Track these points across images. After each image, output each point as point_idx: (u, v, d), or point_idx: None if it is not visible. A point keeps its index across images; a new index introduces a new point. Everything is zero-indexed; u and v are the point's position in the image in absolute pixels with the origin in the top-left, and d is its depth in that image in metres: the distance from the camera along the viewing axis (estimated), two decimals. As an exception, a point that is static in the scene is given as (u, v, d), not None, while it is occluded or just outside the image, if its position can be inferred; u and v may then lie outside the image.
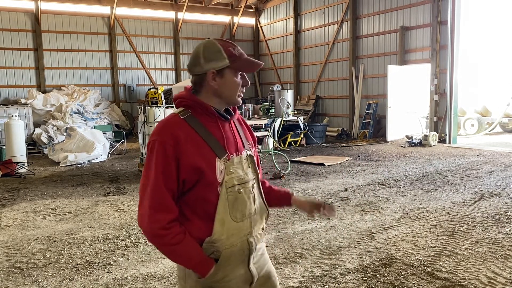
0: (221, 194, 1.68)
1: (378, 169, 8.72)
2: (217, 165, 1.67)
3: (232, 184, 1.71)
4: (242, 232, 1.74)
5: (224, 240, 1.69)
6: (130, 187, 7.66)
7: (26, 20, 15.30)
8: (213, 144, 1.68)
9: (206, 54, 1.68)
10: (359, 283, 3.61)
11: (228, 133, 1.76)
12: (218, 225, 1.68)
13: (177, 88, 13.54)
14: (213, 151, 1.67)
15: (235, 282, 1.75)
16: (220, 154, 1.68)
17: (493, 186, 6.94)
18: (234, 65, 1.69)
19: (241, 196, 1.73)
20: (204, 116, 1.71)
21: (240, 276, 1.76)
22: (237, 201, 1.72)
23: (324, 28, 16.24)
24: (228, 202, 1.69)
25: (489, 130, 14.30)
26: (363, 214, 5.61)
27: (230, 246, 1.71)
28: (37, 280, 3.79)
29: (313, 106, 16.52)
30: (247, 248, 1.76)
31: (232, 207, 1.70)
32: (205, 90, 1.72)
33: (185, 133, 1.64)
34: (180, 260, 1.67)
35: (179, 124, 1.66)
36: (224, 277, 1.71)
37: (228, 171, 1.69)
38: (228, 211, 1.69)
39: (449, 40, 11.72)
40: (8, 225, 5.51)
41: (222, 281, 1.71)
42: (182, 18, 17.75)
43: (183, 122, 1.67)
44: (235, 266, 1.74)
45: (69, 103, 14.14)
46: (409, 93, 13.20)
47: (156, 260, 4.22)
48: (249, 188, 1.77)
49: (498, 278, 3.62)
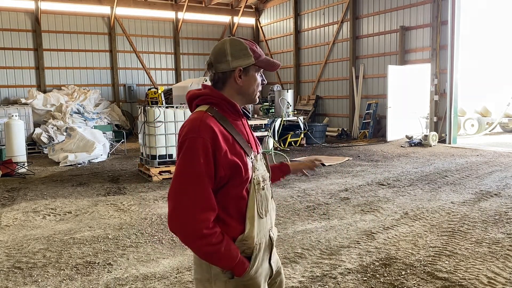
0: (251, 191, 1.70)
1: (378, 169, 8.72)
2: (248, 162, 1.68)
3: (258, 181, 1.73)
4: (266, 228, 1.78)
5: (255, 237, 1.70)
6: (130, 187, 7.66)
7: (26, 20, 15.30)
8: (241, 141, 1.69)
9: (233, 52, 1.66)
10: (359, 283, 3.61)
11: (248, 131, 1.81)
12: (249, 222, 1.69)
13: (177, 88, 13.55)
14: (242, 148, 1.68)
15: (262, 277, 1.76)
16: (248, 151, 1.70)
17: (493, 186, 6.94)
18: (258, 64, 1.71)
19: (265, 193, 1.77)
20: (230, 113, 1.70)
21: (265, 270, 1.78)
22: (262, 197, 1.75)
23: (324, 28, 16.23)
24: (256, 199, 1.72)
25: (489, 130, 14.30)
26: (363, 214, 5.61)
27: (259, 242, 1.74)
28: (37, 280, 3.79)
29: (313, 106, 16.52)
30: (270, 243, 1.81)
31: (259, 203, 1.73)
32: (229, 87, 1.71)
33: (219, 130, 1.62)
34: (221, 261, 1.60)
35: (213, 121, 1.63)
36: (255, 273, 1.72)
37: (254, 168, 1.72)
38: (256, 208, 1.71)
39: (449, 40, 11.72)
40: (8, 225, 5.51)
41: (253, 278, 1.71)
42: (182, 18, 17.75)
43: (214, 120, 1.64)
44: (262, 262, 1.76)
45: (69, 103, 14.14)
46: (409, 93, 13.19)
47: (156, 260, 4.22)
48: (268, 184, 1.82)
49: (498, 278, 3.62)
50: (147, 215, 5.81)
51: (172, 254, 4.36)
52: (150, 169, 8.28)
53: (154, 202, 6.53)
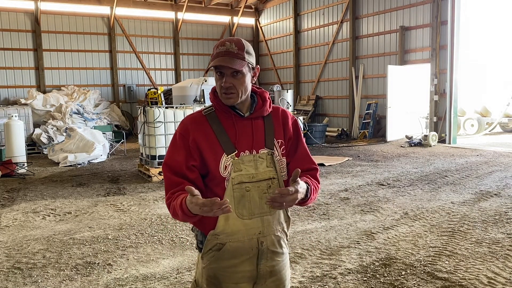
0: (227, 190, 1.72)
1: (378, 169, 8.72)
2: (222, 160, 1.71)
3: (239, 181, 1.72)
4: (252, 231, 1.75)
5: (228, 235, 1.73)
6: (130, 187, 7.66)
7: (26, 20, 15.30)
8: (223, 140, 1.73)
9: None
10: (359, 283, 3.61)
11: (244, 130, 1.77)
12: (222, 219, 1.72)
13: (177, 89, 13.55)
14: (222, 147, 1.72)
15: (241, 277, 1.77)
16: (228, 150, 1.72)
17: (493, 186, 6.94)
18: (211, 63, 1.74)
19: (249, 194, 1.73)
20: (222, 113, 1.79)
21: (245, 272, 1.78)
22: (244, 198, 1.73)
23: (324, 28, 16.24)
24: (233, 199, 1.71)
25: (489, 130, 14.30)
26: (363, 214, 5.61)
27: (236, 241, 1.73)
28: (36, 281, 3.79)
29: (313, 106, 16.52)
30: (256, 247, 1.77)
31: (238, 204, 1.72)
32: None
33: (200, 127, 1.76)
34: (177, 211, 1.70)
35: (196, 119, 1.79)
36: (227, 267, 1.75)
37: (235, 168, 1.71)
38: (233, 208, 1.70)
39: (449, 40, 11.72)
40: (8, 225, 5.51)
41: (226, 271, 1.76)
42: (182, 18, 17.75)
43: (202, 118, 1.79)
44: (242, 261, 1.76)
45: (69, 103, 14.13)
46: (409, 93, 13.19)
47: (156, 260, 4.22)
48: (263, 187, 1.76)
49: (498, 278, 3.61)
50: (147, 215, 5.80)
51: (172, 254, 4.36)
52: (149, 169, 8.28)
53: (154, 202, 6.53)
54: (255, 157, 1.75)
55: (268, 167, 1.77)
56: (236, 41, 1.71)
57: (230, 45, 1.69)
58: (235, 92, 1.71)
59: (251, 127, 1.79)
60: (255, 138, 1.78)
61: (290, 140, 1.87)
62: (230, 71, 1.69)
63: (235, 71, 1.69)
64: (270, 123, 1.83)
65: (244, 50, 1.71)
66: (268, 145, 1.79)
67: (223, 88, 1.71)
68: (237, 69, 1.67)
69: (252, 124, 1.79)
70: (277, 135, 1.82)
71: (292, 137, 1.87)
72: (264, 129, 1.81)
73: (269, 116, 1.85)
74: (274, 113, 1.87)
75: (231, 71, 1.69)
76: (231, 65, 1.66)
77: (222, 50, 1.69)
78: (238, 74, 1.70)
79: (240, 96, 1.73)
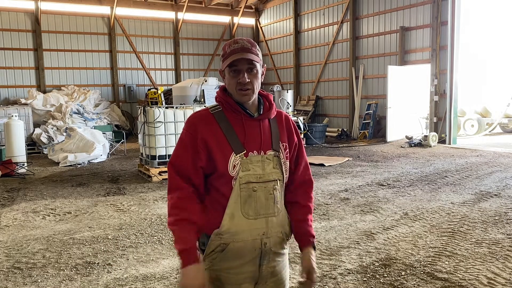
0: (234, 189, 1.72)
1: (378, 170, 8.72)
2: (231, 159, 1.71)
3: (247, 180, 1.73)
4: (256, 231, 1.75)
5: (233, 234, 1.72)
6: (129, 187, 7.66)
7: (26, 20, 15.30)
8: (232, 139, 1.73)
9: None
10: (359, 283, 3.61)
11: (253, 131, 1.77)
12: (227, 218, 1.72)
13: (177, 89, 13.55)
14: (231, 146, 1.72)
15: (243, 277, 1.77)
16: (237, 149, 1.72)
17: (493, 187, 6.94)
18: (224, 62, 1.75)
19: (256, 194, 1.74)
20: (231, 112, 1.77)
21: (248, 273, 1.78)
22: (250, 198, 1.73)
23: (324, 29, 16.24)
24: (240, 198, 1.72)
25: (489, 130, 14.30)
26: (363, 215, 5.61)
27: (240, 241, 1.73)
28: (36, 281, 3.79)
29: (313, 107, 16.52)
30: (259, 247, 1.77)
31: (244, 203, 1.73)
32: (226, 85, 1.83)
33: (208, 126, 1.74)
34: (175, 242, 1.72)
35: (205, 117, 1.78)
36: (230, 268, 1.74)
37: (243, 167, 1.72)
38: (239, 207, 1.72)
39: (449, 41, 11.72)
40: (8, 225, 5.51)
41: (229, 272, 1.75)
42: (182, 18, 17.75)
43: (209, 116, 1.77)
44: (245, 262, 1.76)
45: (69, 103, 14.13)
46: (409, 94, 13.19)
47: (155, 260, 4.22)
48: (269, 188, 1.77)
49: (498, 278, 3.61)
50: (147, 215, 5.80)
51: (172, 254, 4.36)
52: (149, 169, 8.28)
53: (153, 202, 6.53)
54: (262, 158, 1.76)
55: (275, 169, 1.79)
56: (247, 39, 1.76)
57: (243, 42, 1.73)
58: (251, 88, 1.73)
59: (259, 128, 1.79)
60: (263, 139, 1.79)
61: (295, 147, 1.90)
62: (246, 67, 1.71)
63: (250, 67, 1.72)
64: (276, 126, 1.85)
65: (256, 47, 1.75)
66: (274, 147, 1.80)
67: (240, 84, 1.71)
68: (256, 61, 1.71)
69: (260, 125, 1.80)
70: (282, 138, 1.85)
71: (297, 144, 1.91)
72: (271, 131, 1.82)
73: (274, 119, 1.87)
74: (278, 117, 1.89)
75: (248, 66, 1.71)
76: (251, 58, 1.70)
77: (237, 47, 1.71)
78: (253, 70, 1.73)
79: (255, 93, 1.76)
